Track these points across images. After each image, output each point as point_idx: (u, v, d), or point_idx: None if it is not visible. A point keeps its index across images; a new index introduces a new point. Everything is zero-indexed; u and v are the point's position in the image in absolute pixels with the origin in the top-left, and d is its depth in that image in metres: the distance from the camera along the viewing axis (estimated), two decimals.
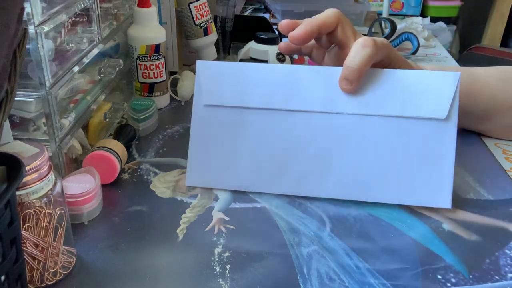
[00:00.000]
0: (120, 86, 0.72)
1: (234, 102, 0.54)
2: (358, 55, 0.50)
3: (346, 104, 0.52)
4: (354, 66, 0.50)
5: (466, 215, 0.52)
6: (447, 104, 0.51)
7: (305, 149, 0.53)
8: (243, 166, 0.54)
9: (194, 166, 0.55)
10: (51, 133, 0.51)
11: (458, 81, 0.51)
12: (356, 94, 0.52)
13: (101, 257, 0.46)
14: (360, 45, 0.50)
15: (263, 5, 1.24)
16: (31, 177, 0.39)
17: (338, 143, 0.53)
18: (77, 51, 0.56)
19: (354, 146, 0.52)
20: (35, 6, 0.46)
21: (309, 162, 0.53)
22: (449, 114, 0.51)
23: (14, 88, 0.36)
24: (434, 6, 1.49)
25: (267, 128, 0.54)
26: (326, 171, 0.53)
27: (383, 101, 0.52)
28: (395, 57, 0.54)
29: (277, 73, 0.53)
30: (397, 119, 0.52)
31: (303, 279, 0.44)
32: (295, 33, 0.53)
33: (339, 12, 0.54)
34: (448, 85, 0.51)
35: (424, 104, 0.51)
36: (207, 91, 0.54)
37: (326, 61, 0.59)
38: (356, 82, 0.51)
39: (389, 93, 0.52)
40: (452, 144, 0.51)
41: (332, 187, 0.53)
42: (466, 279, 0.44)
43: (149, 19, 0.70)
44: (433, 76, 0.52)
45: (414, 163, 0.52)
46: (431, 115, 0.51)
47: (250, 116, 0.54)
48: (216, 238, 0.48)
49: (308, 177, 0.53)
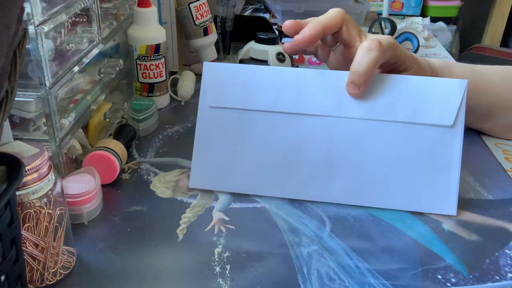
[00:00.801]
0: (120, 86, 0.72)
1: (240, 105, 0.54)
2: (364, 60, 0.50)
3: (352, 108, 0.52)
4: (361, 70, 0.50)
5: (466, 215, 0.52)
6: (453, 111, 0.51)
7: (310, 153, 0.53)
8: (248, 169, 0.54)
9: (198, 168, 0.55)
10: (51, 133, 0.51)
11: (465, 88, 0.51)
12: (363, 99, 0.52)
13: (101, 257, 0.46)
14: (366, 48, 0.50)
15: (263, 5, 1.24)
16: (31, 177, 0.39)
17: (343, 147, 0.52)
18: (77, 51, 0.56)
19: (360, 151, 0.52)
20: (35, 6, 0.46)
21: (314, 166, 0.53)
22: (456, 121, 0.51)
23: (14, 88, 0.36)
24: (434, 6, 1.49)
25: (272, 131, 0.53)
26: (331, 175, 0.53)
27: (389, 106, 0.52)
28: (402, 55, 0.54)
29: (284, 76, 0.53)
30: (403, 125, 0.52)
31: (303, 279, 0.44)
32: (300, 36, 0.52)
33: (343, 11, 0.54)
34: (455, 92, 0.51)
35: (431, 111, 0.51)
36: (212, 93, 0.54)
37: (332, 59, 0.59)
38: (363, 86, 0.51)
39: (395, 99, 0.52)
40: (458, 151, 0.51)
41: (337, 192, 0.53)
42: (466, 279, 0.44)
43: (149, 19, 0.70)
44: (440, 83, 0.52)
45: (420, 170, 0.52)
46: (438, 122, 0.51)
47: (256, 118, 0.54)
48: (216, 238, 0.48)
49: (313, 182, 0.53)
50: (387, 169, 0.52)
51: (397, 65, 0.55)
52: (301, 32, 0.53)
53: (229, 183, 0.54)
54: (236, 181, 0.54)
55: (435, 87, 0.51)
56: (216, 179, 0.54)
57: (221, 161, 0.54)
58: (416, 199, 0.52)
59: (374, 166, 0.52)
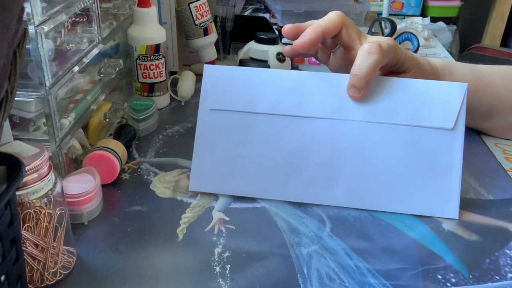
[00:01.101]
0: (120, 86, 0.72)
1: (241, 107, 0.53)
2: (364, 63, 0.50)
3: (354, 111, 0.52)
4: (361, 74, 0.50)
5: (466, 215, 0.52)
6: (454, 114, 0.51)
7: (312, 156, 0.53)
8: (249, 172, 0.54)
9: (198, 171, 0.54)
10: (51, 133, 0.51)
11: (465, 91, 0.51)
12: (364, 102, 0.52)
13: (101, 257, 0.46)
14: (366, 52, 0.50)
15: (263, 5, 1.24)
16: (31, 177, 0.39)
17: (345, 150, 0.52)
18: (77, 51, 0.56)
19: (361, 154, 0.52)
20: (35, 6, 0.46)
21: (316, 169, 0.53)
22: (456, 124, 0.51)
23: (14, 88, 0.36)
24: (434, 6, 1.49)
25: (273, 134, 0.53)
26: (333, 179, 0.53)
27: (390, 109, 0.52)
28: (402, 56, 0.54)
29: (285, 79, 0.53)
30: (404, 128, 0.52)
31: (303, 279, 0.44)
32: (300, 41, 0.53)
33: (342, 14, 0.54)
34: (455, 95, 0.51)
35: (431, 114, 0.51)
36: (213, 96, 0.54)
37: (332, 61, 0.59)
38: (364, 89, 0.51)
39: (396, 102, 0.52)
40: (459, 154, 0.51)
41: (338, 195, 0.53)
42: (466, 279, 0.44)
43: (149, 19, 0.70)
44: (441, 86, 0.52)
45: (421, 173, 0.52)
46: (438, 125, 0.51)
47: (257, 121, 0.53)
48: (216, 238, 0.48)
49: (314, 185, 0.53)
50: (389, 172, 0.52)
51: (398, 67, 0.55)
52: (301, 36, 0.53)
53: (230, 186, 0.54)
54: (236, 184, 0.54)
55: (435, 90, 0.51)
56: (216, 182, 0.54)
57: (222, 164, 0.54)
58: (417, 203, 0.52)
59: (375, 169, 0.52)
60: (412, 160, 0.52)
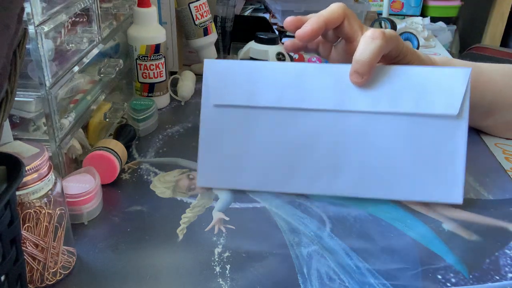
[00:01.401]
0: (120, 86, 0.72)
1: (244, 101, 0.53)
2: (367, 48, 0.50)
3: (357, 101, 0.52)
4: (364, 59, 0.50)
5: (466, 215, 0.52)
6: (458, 100, 0.51)
7: (316, 147, 0.53)
8: (254, 166, 0.54)
9: (204, 167, 0.54)
10: (51, 133, 0.51)
11: (469, 76, 0.51)
12: (367, 92, 0.52)
13: (101, 257, 0.46)
14: (369, 37, 0.50)
15: (263, 5, 1.24)
16: (31, 177, 0.39)
17: (349, 141, 0.52)
18: (77, 51, 0.56)
19: (366, 144, 0.52)
20: (35, 6, 0.46)
21: (320, 160, 0.53)
22: (461, 110, 0.51)
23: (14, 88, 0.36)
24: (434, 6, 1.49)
25: (277, 127, 0.53)
26: (338, 169, 0.53)
27: (394, 98, 0.51)
28: (404, 48, 0.54)
29: (287, 72, 0.53)
30: (408, 116, 0.51)
31: (303, 279, 0.44)
32: (302, 31, 0.52)
33: (345, 6, 0.53)
34: (459, 81, 0.51)
35: (435, 101, 0.51)
36: (215, 91, 0.54)
37: (333, 55, 0.59)
38: (367, 75, 0.50)
39: (400, 90, 0.51)
40: (464, 140, 0.51)
41: (343, 185, 0.53)
42: (466, 279, 0.44)
43: (149, 19, 0.70)
44: (444, 72, 0.51)
45: (426, 160, 0.51)
46: (443, 112, 0.51)
47: (260, 115, 0.53)
48: (216, 238, 0.48)
49: (319, 176, 0.53)
50: (393, 160, 0.52)
51: (399, 59, 0.54)
52: (303, 27, 0.52)
53: (236, 181, 0.54)
54: (243, 178, 0.54)
55: (438, 77, 0.51)
56: (223, 177, 0.54)
57: (227, 159, 0.54)
58: (422, 189, 0.52)
59: (380, 158, 0.52)
60: (417, 148, 0.52)
